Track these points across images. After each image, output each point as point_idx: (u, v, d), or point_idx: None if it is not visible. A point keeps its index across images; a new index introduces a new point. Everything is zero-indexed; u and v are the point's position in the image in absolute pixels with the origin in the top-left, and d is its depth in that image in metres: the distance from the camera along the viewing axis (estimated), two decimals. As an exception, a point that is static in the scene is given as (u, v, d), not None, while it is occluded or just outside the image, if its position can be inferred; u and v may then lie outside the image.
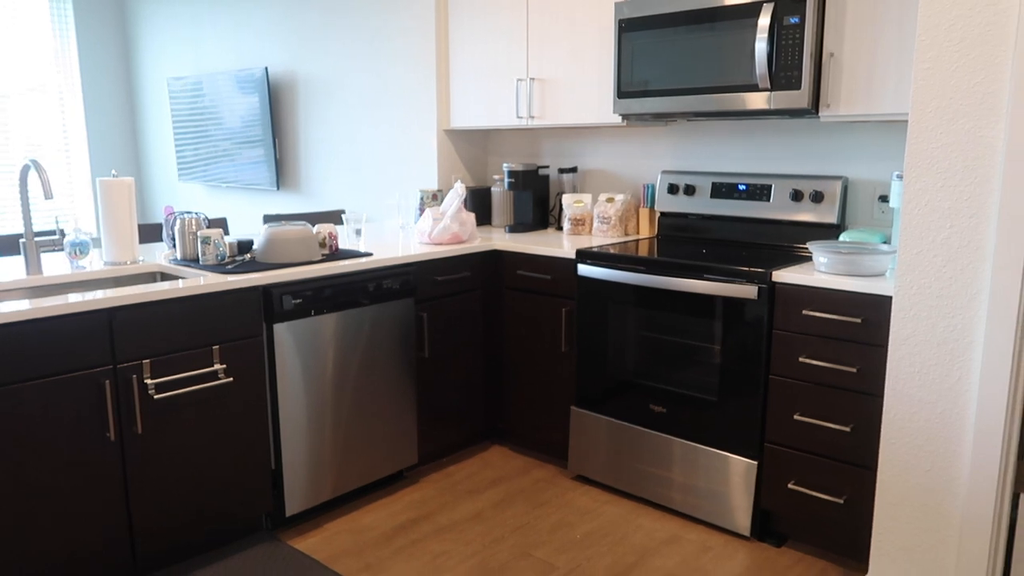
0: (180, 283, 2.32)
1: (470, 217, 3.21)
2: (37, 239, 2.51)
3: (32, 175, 5.12)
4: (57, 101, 5.46)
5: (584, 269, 2.90)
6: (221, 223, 3.62)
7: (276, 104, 4.65)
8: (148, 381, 2.24)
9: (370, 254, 2.86)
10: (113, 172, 2.71)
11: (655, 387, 2.78)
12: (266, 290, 2.50)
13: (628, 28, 2.90)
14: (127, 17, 5.64)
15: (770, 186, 2.94)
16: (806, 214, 2.86)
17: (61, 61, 5.45)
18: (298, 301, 2.57)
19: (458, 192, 3.16)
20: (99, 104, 5.64)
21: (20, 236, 2.60)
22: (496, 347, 3.31)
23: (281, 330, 2.54)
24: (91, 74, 5.58)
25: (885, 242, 2.58)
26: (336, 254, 2.83)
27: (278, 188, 4.73)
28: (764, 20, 2.53)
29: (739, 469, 2.60)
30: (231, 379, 2.43)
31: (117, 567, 2.30)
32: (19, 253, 2.94)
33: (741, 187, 3.02)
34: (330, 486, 2.76)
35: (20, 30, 5.23)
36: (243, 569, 2.44)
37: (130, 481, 2.24)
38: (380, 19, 3.94)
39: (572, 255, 2.95)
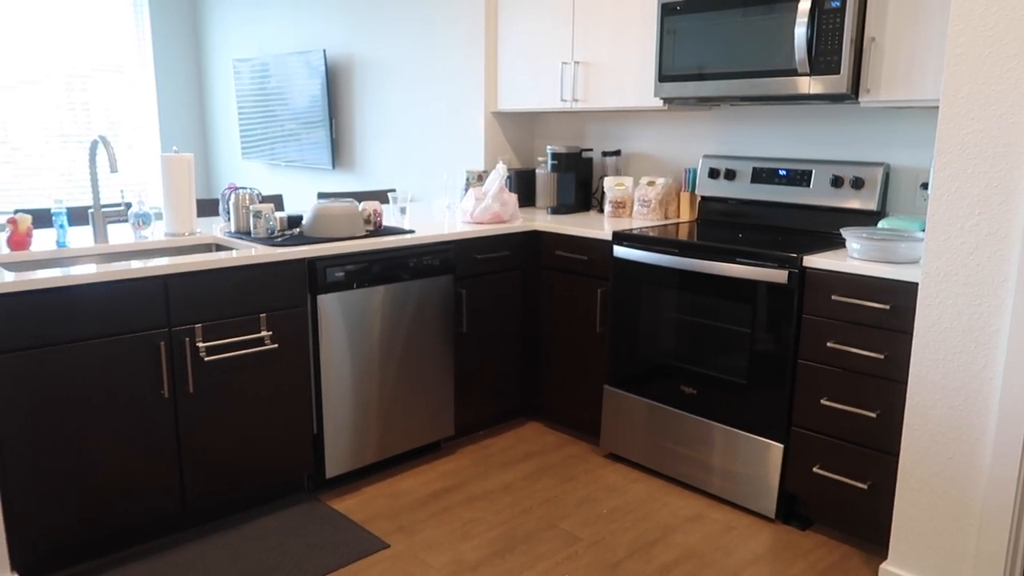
0: (232, 253, 2.47)
1: (512, 197, 3.28)
2: (104, 210, 2.69)
3: (100, 150, 5.41)
4: (133, 81, 5.75)
5: (619, 251, 2.95)
6: (276, 199, 3.79)
7: (333, 85, 4.80)
8: (200, 344, 2.40)
9: (412, 231, 2.97)
10: (174, 148, 2.87)
11: (686, 368, 2.82)
12: (311, 262, 2.63)
13: (669, 12, 2.92)
14: (197, 1, 5.88)
15: (810, 172, 2.93)
16: (846, 200, 2.84)
17: (136, 43, 5.73)
18: (341, 274, 2.69)
19: (500, 172, 3.23)
20: (170, 84, 5.91)
21: (90, 208, 2.79)
22: (533, 325, 3.39)
23: (325, 301, 2.67)
24: (163, 55, 5.84)
25: (924, 230, 2.55)
26: (380, 230, 2.95)
27: (333, 167, 4.89)
28: (805, 4, 2.52)
29: (766, 452, 2.62)
30: (276, 346, 2.57)
31: (167, 517, 2.48)
32: (88, 223, 3.15)
33: (782, 172, 3.01)
34: (369, 452, 2.89)
35: (102, 14, 5.51)
36: (284, 526, 2.59)
37: (182, 436, 2.41)
38: (432, 3, 4.03)
39: (608, 237, 3.01)
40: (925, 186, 2.73)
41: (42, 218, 3.05)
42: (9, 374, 2.08)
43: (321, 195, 3.65)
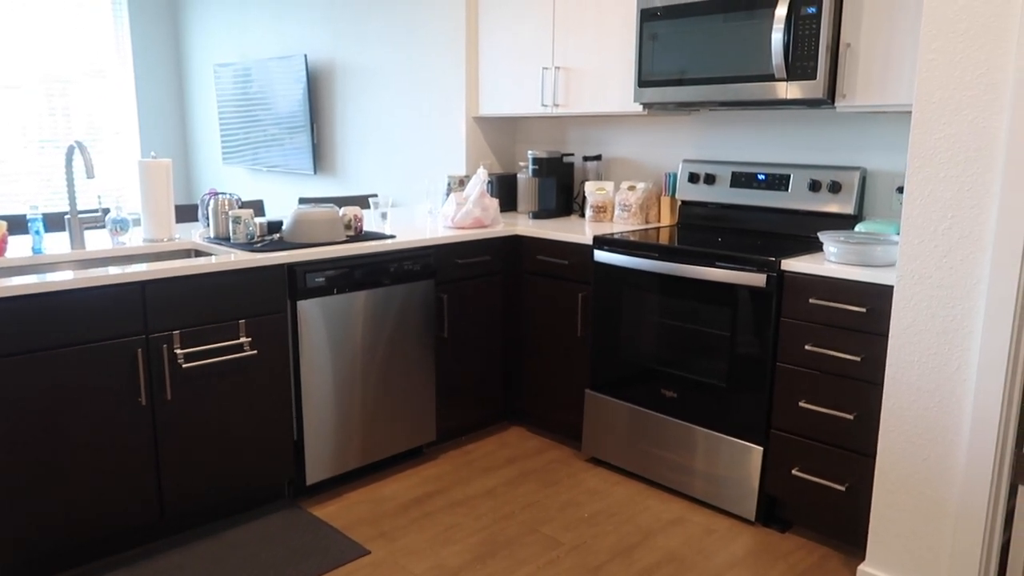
0: (211, 259, 2.45)
1: (493, 202, 3.29)
2: (81, 216, 2.67)
3: (77, 156, 5.37)
4: (113, 86, 5.71)
5: (600, 255, 2.96)
6: (257, 205, 3.77)
7: (315, 91, 4.79)
8: (178, 351, 2.38)
9: (393, 236, 2.96)
10: (152, 154, 2.85)
11: (667, 372, 2.84)
12: (291, 268, 2.62)
13: (649, 17, 2.94)
14: (178, 5, 5.86)
15: (789, 176, 2.96)
16: (824, 204, 2.87)
17: (116, 48, 5.69)
18: (322, 279, 2.69)
19: (481, 177, 3.24)
20: (150, 89, 5.87)
21: (66, 214, 2.77)
22: (515, 330, 3.39)
23: (305, 306, 2.66)
24: (143, 60, 5.81)
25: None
26: (360, 236, 2.94)
27: (315, 172, 4.88)
28: (781, 10, 2.55)
29: (745, 455, 2.64)
30: (256, 352, 2.56)
31: (145, 525, 2.46)
32: (65, 230, 3.12)
33: (760, 177, 3.04)
34: (350, 458, 2.88)
35: (82, 18, 5.47)
36: (264, 533, 2.58)
37: (160, 444, 2.39)
38: (414, 8, 4.04)
39: (589, 241, 3.02)
40: (901, 190, 2.76)
41: (18, 224, 3.02)
42: (-17, 382, 2.05)
43: (302, 200, 3.64)
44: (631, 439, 2.97)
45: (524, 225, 3.34)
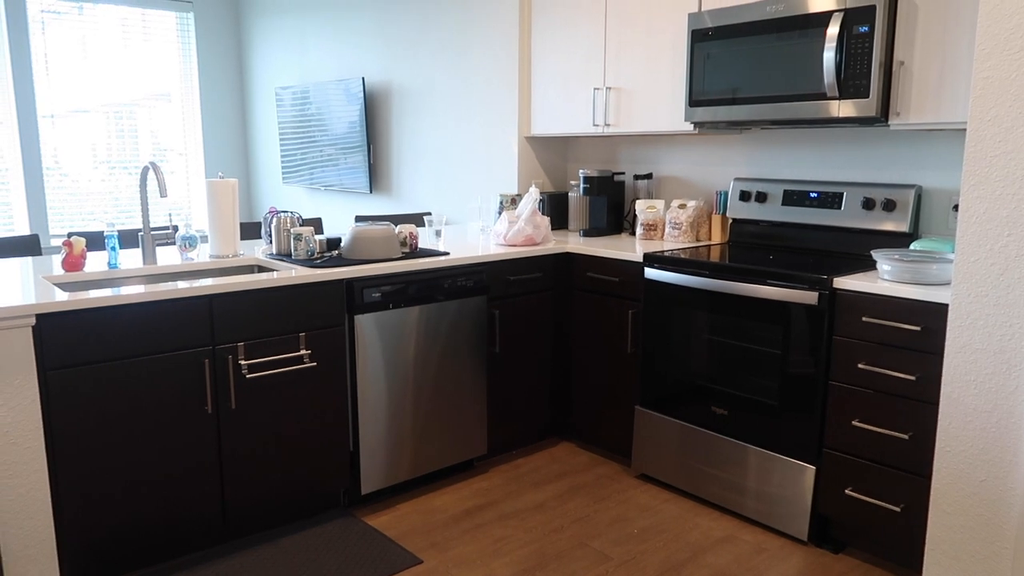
0: (273, 274, 2.56)
1: (544, 220, 3.34)
2: (153, 233, 2.81)
3: (151, 176, 5.61)
4: (179, 109, 5.96)
5: (650, 272, 2.99)
6: (316, 223, 3.90)
7: (371, 112, 4.94)
8: (242, 362, 2.49)
9: (447, 253, 3.04)
10: (220, 174, 2.99)
11: (717, 390, 2.84)
12: (349, 283, 2.71)
13: (700, 38, 2.97)
14: (241, 32, 6.10)
15: (842, 194, 2.95)
16: (878, 222, 2.85)
17: (183, 72, 5.95)
18: (378, 295, 2.77)
19: (533, 196, 3.30)
20: (215, 112, 6.12)
21: (139, 231, 2.92)
22: (565, 345, 3.43)
23: (362, 321, 2.75)
24: (209, 84, 6.06)
25: (956, 252, 2.55)
26: (415, 252, 3.02)
27: (371, 191, 5.01)
28: (833, 29, 2.56)
29: (797, 474, 2.62)
30: (315, 364, 2.65)
31: (208, 528, 2.56)
32: (138, 246, 3.28)
33: (813, 195, 3.03)
34: (403, 469, 2.95)
35: (151, 45, 5.75)
36: (319, 540, 2.66)
37: (224, 450, 2.49)
38: (468, 32, 4.14)
39: (640, 259, 3.05)
40: (958, 208, 2.72)
41: (95, 241, 3.18)
42: (63, 389, 2.18)
43: (359, 218, 3.76)
44: (681, 456, 2.98)
45: (575, 243, 3.39)
